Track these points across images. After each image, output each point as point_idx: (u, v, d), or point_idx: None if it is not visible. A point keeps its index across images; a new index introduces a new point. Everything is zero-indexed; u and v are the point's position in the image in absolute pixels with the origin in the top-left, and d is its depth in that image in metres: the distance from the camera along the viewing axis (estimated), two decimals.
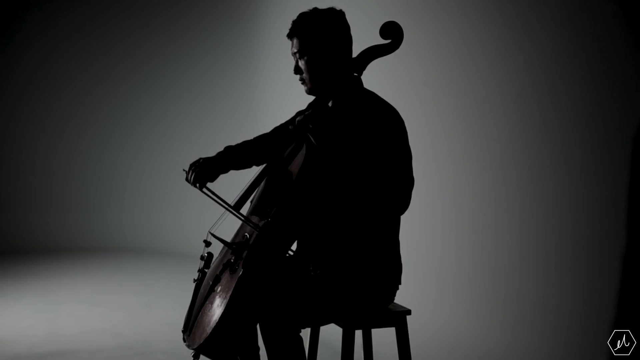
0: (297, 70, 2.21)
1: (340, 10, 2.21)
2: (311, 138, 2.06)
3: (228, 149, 2.36)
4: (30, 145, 6.87)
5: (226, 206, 2.15)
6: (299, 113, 2.41)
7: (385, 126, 2.09)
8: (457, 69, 3.47)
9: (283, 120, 2.50)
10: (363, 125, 2.11)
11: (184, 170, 2.29)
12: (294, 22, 2.20)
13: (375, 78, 2.93)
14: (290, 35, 2.21)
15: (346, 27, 2.20)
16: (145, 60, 6.91)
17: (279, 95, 5.49)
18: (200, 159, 2.29)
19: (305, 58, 2.17)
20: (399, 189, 2.03)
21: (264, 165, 2.36)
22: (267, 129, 2.64)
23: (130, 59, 6.91)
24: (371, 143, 2.07)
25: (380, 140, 2.07)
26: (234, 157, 2.35)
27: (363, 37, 2.46)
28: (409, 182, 2.06)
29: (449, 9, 3.52)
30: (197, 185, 2.24)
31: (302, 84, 2.23)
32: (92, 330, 3.85)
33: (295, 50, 2.19)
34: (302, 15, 2.20)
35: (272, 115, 3.75)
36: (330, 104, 2.24)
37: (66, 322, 4.02)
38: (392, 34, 2.20)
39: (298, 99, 2.34)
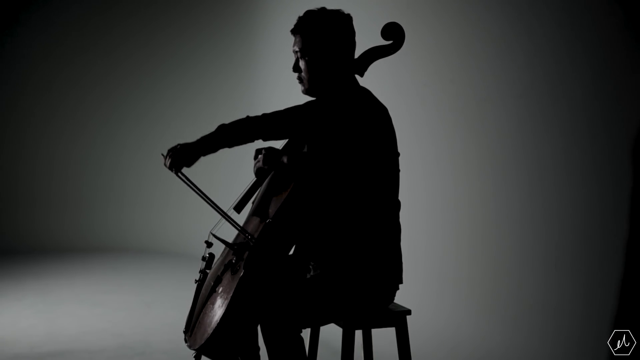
0: (296, 68, 2.19)
1: (348, 15, 2.17)
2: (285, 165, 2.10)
3: (221, 127, 2.27)
4: (30, 145, 6.87)
5: (212, 204, 2.17)
6: (308, 104, 2.37)
7: (368, 125, 2.07)
8: (457, 69, 3.47)
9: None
10: (347, 124, 2.09)
11: (162, 154, 2.25)
12: (300, 19, 2.16)
13: (376, 78, 2.93)
14: (294, 31, 2.17)
15: (351, 32, 2.16)
16: (145, 60, 6.91)
17: (279, 96, 5.49)
18: (178, 144, 2.22)
19: (306, 58, 2.15)
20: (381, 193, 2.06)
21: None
22: None
23: (130, 59, 6.91)
24: (353, 142, 2.05)
25: (362, 138, 2.05)
26: (224, 136, 2.25)
27: (364, 38, 2.46)
28: (393, 185, 2.12)
29: (450, 9, 3.52)
30: (173, 169, 2.19)
31: (300, 82, 2.21)
32: (92, 330, 3.85)
33: (297, 49, 2.16)
34: (308, 13, 2.16)
35: None
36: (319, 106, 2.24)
37: (66, 322, 4.02)
38: (394, 35, 2.20)
39: (298, 100, 2.34)
